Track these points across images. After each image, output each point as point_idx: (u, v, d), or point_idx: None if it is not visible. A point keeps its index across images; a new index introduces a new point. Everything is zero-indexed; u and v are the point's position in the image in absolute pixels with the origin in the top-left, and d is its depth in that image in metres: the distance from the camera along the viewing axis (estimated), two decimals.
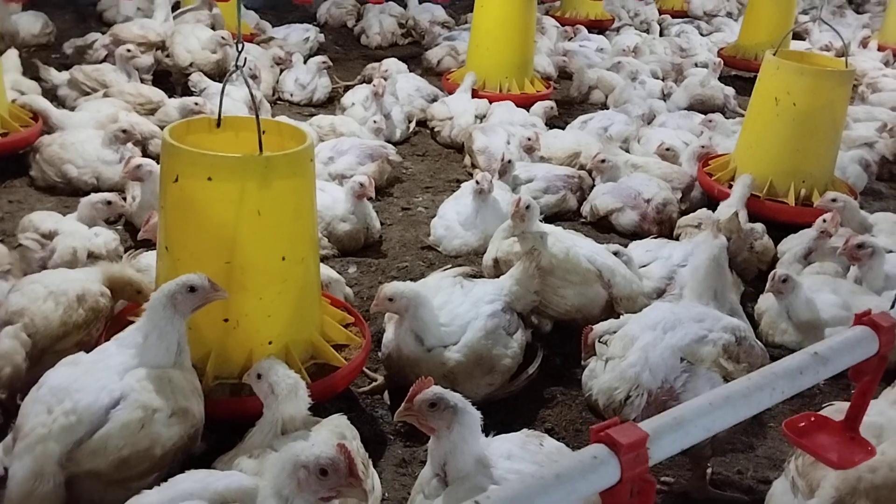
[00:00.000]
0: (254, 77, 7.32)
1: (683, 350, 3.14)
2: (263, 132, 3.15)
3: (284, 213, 3.19)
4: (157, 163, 4.75)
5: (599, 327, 3.40)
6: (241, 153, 3.13)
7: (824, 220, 4.71)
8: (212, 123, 3.41)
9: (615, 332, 3.35)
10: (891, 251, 4.81)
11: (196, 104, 5.99)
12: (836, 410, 2.40)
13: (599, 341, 3.38)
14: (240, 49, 3.21)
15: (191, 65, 7.20)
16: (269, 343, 3.24)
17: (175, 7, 8.73)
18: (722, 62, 9.13)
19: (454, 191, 5.51)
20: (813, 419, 2.16)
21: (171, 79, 7.44)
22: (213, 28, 7.66)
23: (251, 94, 3.27)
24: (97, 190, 4.93)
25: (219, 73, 7.23)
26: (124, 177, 4.83)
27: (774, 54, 5.78)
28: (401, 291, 3.47)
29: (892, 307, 2.29)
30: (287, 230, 3.22)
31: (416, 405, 2.53)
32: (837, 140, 5.87)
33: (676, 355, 3.13)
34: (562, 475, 1.51)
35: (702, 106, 8.11)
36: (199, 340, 3.17)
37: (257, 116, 3.13)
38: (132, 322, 2.98)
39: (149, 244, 4.09)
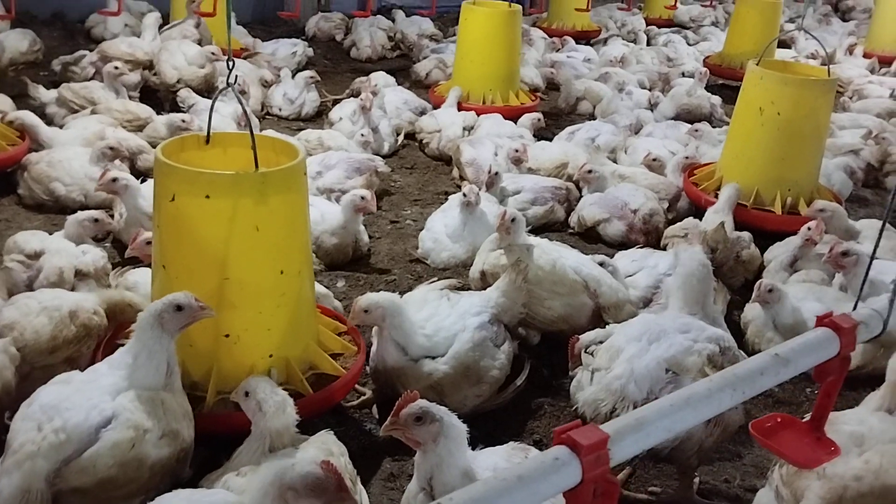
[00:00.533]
0: (243, 92, 7.34)
1: (669, 361, 3.17)
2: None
3: (281, 228, 3.23)
4: (144, 179, 4.84)
5: (585, 337, 3.42)
6: (233, 170, 3.16)
7: (809, 229, 4.75)
8: (201, 140, 3.45)
9: (601, 343, 3.37)
10: (876, 258, 4.85)
11: (183, 121, 6.00)
12: None
13: (586, 352, 3.40)
14: (230, 66, 3.24)
15: (178, 81, 7.22)
16: (270, 356, 3.28)
17: (164, 23, 8.75)
18: (708, 71, 9.21)
19: (442, 203, 5.54)
20: (780, 420, 2.20)
21: (158, 95, 7.45)
22: (199, 43, 7.68)
23: (244, 111, 3.31)
24: (85, 207, 4.93)
25: (207, 89, 7.25)
26: (98, 190, 4.83)
27: (758, 64, 5.83)
28: (375, 301, 3.48)
29: (854, 308, 2.32)
30: (284, 244, 3.26)
31: (402, 419, 2.55)
32: (822, 148, 5.93)
33: (662, 366, 3.17)
34: (524, 476, 1.55)
35: (688, 115, 8.18)
36: (200, 356, 3.22)
37: (251, 133, 3.16)
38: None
39: (137, 261, 4.10)
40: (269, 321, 3.22)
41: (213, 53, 7.41)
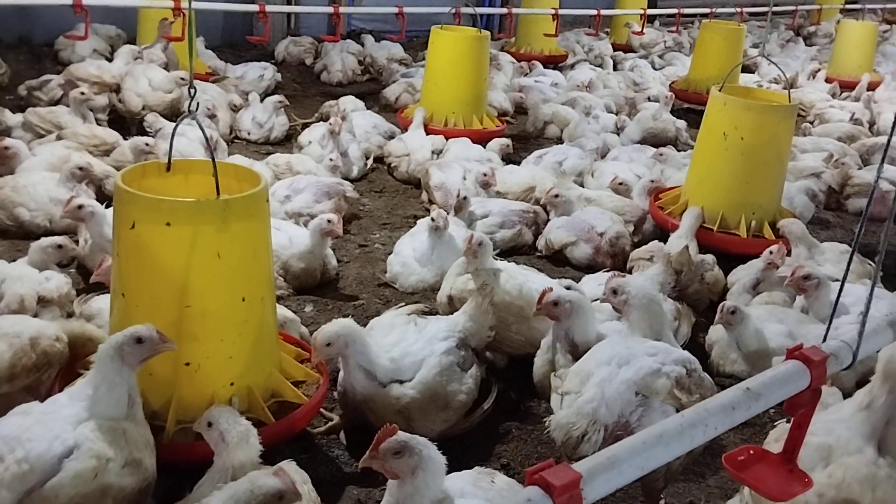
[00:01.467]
0: (212, 116, 7.33)
1: (638, 384, 3.19)
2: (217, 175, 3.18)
3: (243, 255, 3.21)
4: (109, 204, 4.79)
5: (558, 289, 3.63)
6: (195, 197, 3.15)
7: (771, 252, 4.83)
8: (162, 167, 3.43)
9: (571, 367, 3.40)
10: (836, 280, 4.94)
11: (147, 144, 5.98)
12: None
13: (555, 375, 3.43)
14: (192, 93, 3.24)
15: (143, 108, 7.19)
16: (231, 384, 3.25)
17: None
18: (673, 96, 9.35)
19: (412, 227, 5.55)
20: (752, 452, 2.22)
21: (126, 119, 7.42)
22: (166, 67, 7.66)
23: (205, 138, 3.29)
24: (50, 233, 4.88)
25: (174, 114, 7.22)
26: (64, 217, 4.79)
27: (720, 90, 5.94)
28: (334, 332, 3.44)
29: (825, 340, 2.36)
30: (246, 272, 3.24)
31: (381, 453, 2.55)
32: (783, 172, 6.04)
33: (632, 389, 3.18)
34: None
35: (654, 139, 8.29)
36: (159, 386, 3.18)
37: (213, 159, 3.15)
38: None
39: (101, 287, 4.06)
40: (231, 349, 3.19)
41: (182, 78, 7.39)
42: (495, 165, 6.77)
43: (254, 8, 9.11)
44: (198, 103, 3.24)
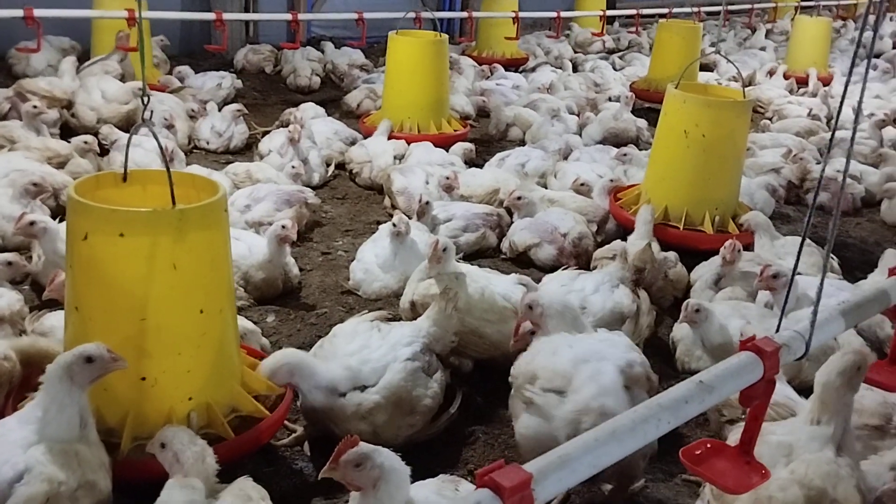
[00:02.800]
0: (170, 127, 7.23)
1: (625, 372, 3.22)
2: (174, 184, 3.12)
3: (200, 266, 3.14)
4: (62, 219, 4.69)
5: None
6: (150, 207, 3.08)
7: (725, 247, 4.86)
8: (118, 178, 3.35)
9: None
10: (799, 273, 4.98)
11: (86, 142, 5.97)
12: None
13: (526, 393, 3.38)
14: (145, 102, 3.18)
15: (98, 122, 7.07)
16: (190, 399, 3.18)
17: (84, 58, 8.59)
18: (633, 96, 9.40)
19: (375, 233, 5.50)
20: (709, 445, 2.21)
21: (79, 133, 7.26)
22: (122, 79, 7.54)
23: (160, 147, 3.21)
24: (3, 249, 4.77)
25: (130, 125, 7.09)
26: (16, 234, 4.68)
27: (676, 87, 5.97)
28: (275, 366, 3.41)
29: (777, 330, 2.36)
30: (204, 283, 3.18)
31: (341, 465, 2.51)
32: (741, 167, 6.11)
33: (621, 380, 3.20)
34: None
35: (616, 139, 8.31)
36: (115, 402, 3.10)
37: (168, 169, 3.08)
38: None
39: (56, 304, 3.97)
40: (189, 363, 3.12)
41: (139, 89, 7.26)
42: (458, 169, 6.76)
43: (211, 16, 9.01)
44: (151, 111, 3.17)
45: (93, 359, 2.75)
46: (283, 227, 4.75)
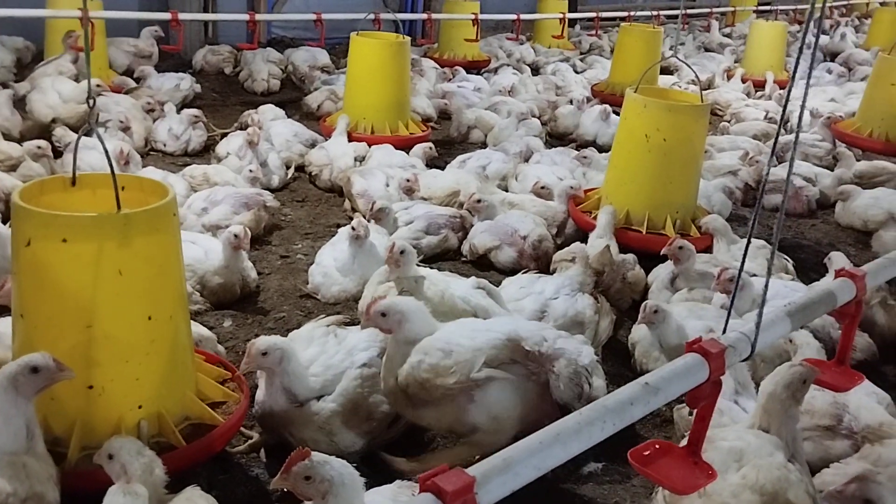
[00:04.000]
0: (126, 129, 7.10)
1: None
2: (122, 188, 3.06)
3: (148, 271, 3.08)
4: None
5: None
6: (98, 212, 3.02)
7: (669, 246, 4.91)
8: (66, 182, 3.28)
9: None
10: (755, 275, 5.04)
11: (39, 147, 5.80)
12: None
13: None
14: (91, 105, 3.11)
15: (53, 121, 6.92)
16: (140, 408, 3.12)
17: (38, 58, 8.43)
18: (587, 99, 9.47)
19: (335, 236, 5.46)
20: (658, 447, 2.22)
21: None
22: (76, 79, 7.40)
23: (105, 150, 3.14)
24: None
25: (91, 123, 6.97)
26: None
27: (635, 91, 6.01)
28: (274, 344, 3.40)
29: (724, 331, 2.37)
30: (152, 289, 3.11)
31: (292, 476, 2.48)
32: (699, 170, 6.16)
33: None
34: None
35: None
36: (62, 411, 3.03)
37: (112, 172, 3.02)
38: None
39: (6, 310, 3.87)
40: (138, 371, 3.06)
41: (98, 86, 7.12)
42: (418, 171, 6.73)
43: (166, 16, 8.89)
44: (98, 114, 3.11)
45: (38, 369, 2.69)
46: (236, 235, 4.69)
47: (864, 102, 9.47)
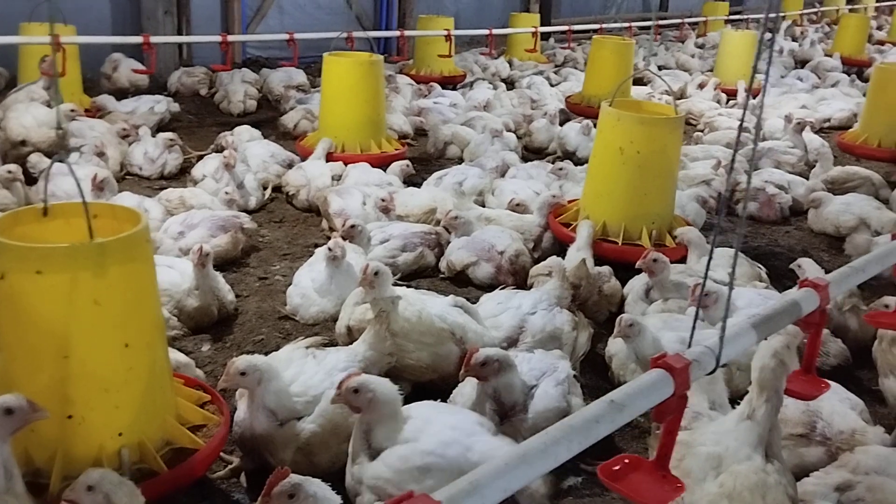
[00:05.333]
0: (101, 154, 7.09)
1: None
2: (95, 216, 3.07)
3: (124, 299, 3.09)
4: None
5: (485, 350, 3.60)
6: (72, 242, 3.02)
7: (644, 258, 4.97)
8: (39, 213, 3.28)
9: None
10: (726, 284, 5.10)
11: (10, 171, 5.81)
12: None
13: None
14: (59, 134, 3.12)
15: (23, 142, 6.89)
16: (120, 435, 3.12)
17: (12, 85, 8.40)
18: (558, 112, 9.57)
19: (312, 256, 5.46)
20: (627, 461, 2.25)
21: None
22: (49, 105, 7.37)
23: (76, 180, 3.14)
24: None
25: (61, 148, 6.93)
26: None
27: (610, 104, 6.08)
28: (253, 364, 3.42)
29: (689, 346, 2.41)
30: (128, 316, 3.12)
31: (274, 497, 2.49)
32: (675, 180, 6.23)
33: None
34: None
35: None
36: (42, 442, 3.03)
37: (84, 201, 3.03)
38: None
39: None
40: (117, 399, 3.06)
41: (72, 110, 7.11)
42: (395, 189, 6.76)
43: (138, 39, 8.89)
44: (67, 143, 3.12)
45: (12, 410, 2.68)
46: (200, 248, 4.68)
47: (867, 113, 9.60)
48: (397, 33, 12.11)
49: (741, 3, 23.07)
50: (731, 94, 11.94)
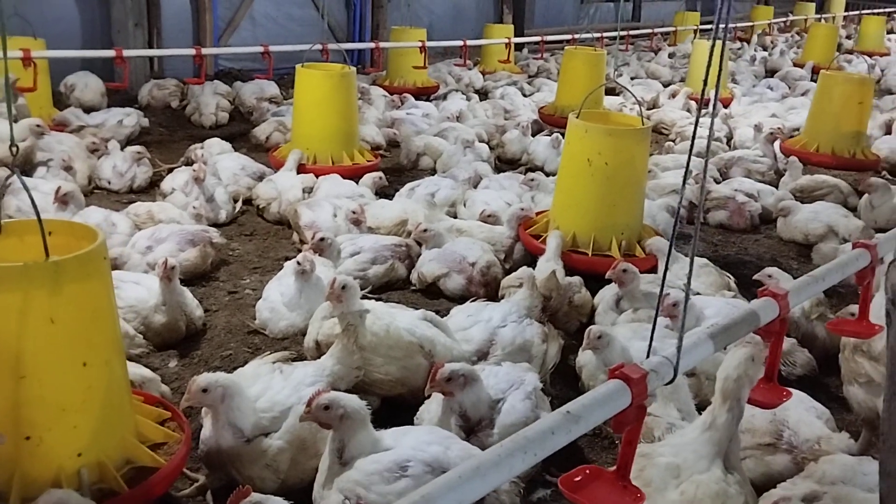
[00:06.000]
0: (68, 168, 7.02)
1: None
2: (50, 234, 3.02)
3: (81, 318, 3.04)
4: None
5: (450, 365, 3.58)
6: (26, 260, 2.96)
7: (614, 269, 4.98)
8: None
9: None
10: (698, 293, 5.13)
11: None
12: None
13: None
14: (14, 152, 3.08)
15: None
16: (79, 455, 3.06)
17: None
18: (530, 123, 9.61)
19: (281, 270, 5.42)
20: (588, 472, 2.24)
21: None
22: (16, 119, 7.28)
23: (30, 197, 3.09)
24: None
25: (27, 163, 6.86)
26: None
27: (577, 116, 6.10)
28: (215, 381, 3.38)
29: (648, 356, 2.41)
30: (85, 335, 3.07)
31: None
32: (643, 190, 6.25)
33: None
34: None
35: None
36: (0, 463, 2.96)
37: (39, 218, 2.98)
38: None
39: None
40: (75, 418, 3.01)
41: (38, 126, 7.03)
42: (367, 201, 6.74)
43: (111, 53, 8.82)
44: (19, 160, 3.07)
45: None
46: (165, 261, 4.62)
47: (810, 119, 9.73)
48: (372, 45, 12.12)
49: (713, 14, 23.29)
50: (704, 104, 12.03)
